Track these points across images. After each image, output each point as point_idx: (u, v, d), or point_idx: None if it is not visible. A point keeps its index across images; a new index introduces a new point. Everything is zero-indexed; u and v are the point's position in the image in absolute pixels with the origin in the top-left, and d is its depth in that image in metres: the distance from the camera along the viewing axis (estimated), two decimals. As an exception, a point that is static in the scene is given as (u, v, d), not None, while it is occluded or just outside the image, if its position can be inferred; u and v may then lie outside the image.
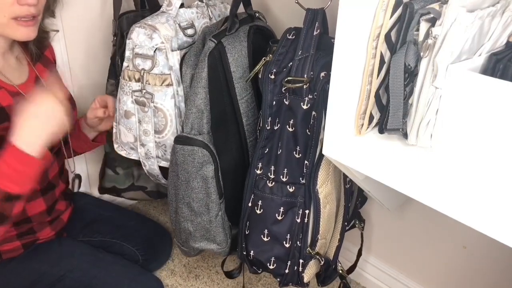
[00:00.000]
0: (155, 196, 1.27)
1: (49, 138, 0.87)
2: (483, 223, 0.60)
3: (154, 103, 0.97)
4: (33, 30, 0.92)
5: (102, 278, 1.11)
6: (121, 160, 1.18)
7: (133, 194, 1.25)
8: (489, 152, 0.65)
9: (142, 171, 1.20)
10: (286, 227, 0.94)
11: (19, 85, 0.98)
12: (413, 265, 1.18)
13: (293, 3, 0.87)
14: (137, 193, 1.25)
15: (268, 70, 0.88)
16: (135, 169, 1.22)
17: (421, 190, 0.66)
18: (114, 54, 1.08)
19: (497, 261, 1.00)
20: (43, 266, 1.09)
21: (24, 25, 0.90)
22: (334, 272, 1.05)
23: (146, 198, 1.27)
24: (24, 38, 0.93)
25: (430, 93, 0.68)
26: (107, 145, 1.21)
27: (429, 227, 1.09)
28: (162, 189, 1.26)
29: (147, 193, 1.25)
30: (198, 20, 1.04)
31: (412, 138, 0.72)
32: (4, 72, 0.96)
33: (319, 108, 0.83)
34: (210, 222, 1.01)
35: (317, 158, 0.87)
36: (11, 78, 0.97)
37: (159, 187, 1.26)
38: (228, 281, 1.30)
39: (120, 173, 1.22)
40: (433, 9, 0.65)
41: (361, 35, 0.68)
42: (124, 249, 1.25)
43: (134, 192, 1.25)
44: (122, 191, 1.25)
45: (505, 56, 0.68)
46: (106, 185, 1.24)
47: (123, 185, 1.23)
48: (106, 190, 1.25)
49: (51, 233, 1.13)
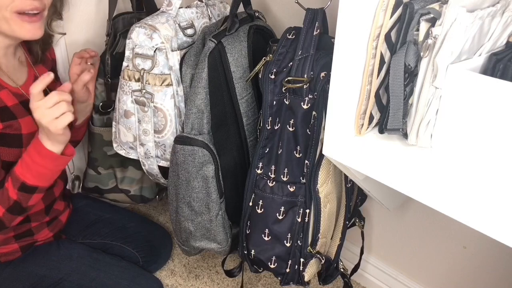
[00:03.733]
0: (138, 200, 1.24)
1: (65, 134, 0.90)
2: (483, 223, 0.60)
3: (154, 103, 0.97)
4: (39, 27, 0.91)
5: (101, 280, 1.10)
6: (102, 160, 1.18)
7: (116, 196, 1.23)
8: (489, 152, 0.65)
9: (125, 174, 1.20)
10: (287, 227, 0.94)
11: (20, 86, 0.98)
12: (413, 265, 1.18)
13: (293, 3, 0.87)
14: (120, 195, 1.23)
15: (268, 70, 0.88)
16: (118, 171, 1.20)
17: (421, 190, 0.66)
18: (104, 53, 1.08)
19: (497, 261, 1.00)
20: (41, 270, 1.08)
21: (29, 21, 0.88)
22: (336, 271, 1.05)
23: (128, 201, 1.25)
24: (30, 36, 0.91)
25: (430, 93, 0.68)
26: (89, 144, 1.19)
27: (429, 227, 1.09)
28: (145, 194, 1.25)
29: (130, 197, 1.23)
30: (198, 20, 1.04)
31: (412, 138, 0.72)
32: (8, 73, 0.96)
33: (319, 108, 0.83)
34: (210, 221, 1.01)
35: (318, 157, 0.87)
36: (13, 79, 0.97)
37: (143, 191, 1.24)
38: (228, 281, 1.30)
39: (102, 173, 1.20)
40: (433, 9, 0.65)
41: (361, 35, 0.68)
42: (124, 251, 1.25)
43: (117, 194, 1.22)
44: (104, 191, 1.22)
45: (505, 56, 0.68)
46: (89, 185, 1.22)
47: (106, 185, 1.21)
48: (89, 190, 1.23)
49: (49, 235, 1.13)
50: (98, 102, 1.12)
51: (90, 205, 1.33)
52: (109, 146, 1.14)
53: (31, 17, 0.89)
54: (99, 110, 1.13)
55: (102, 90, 1.11)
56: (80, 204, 1.29)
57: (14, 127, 0.93)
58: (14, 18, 0.87)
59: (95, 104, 1.13)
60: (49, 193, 1.10)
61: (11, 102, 0.94)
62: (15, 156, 0.94)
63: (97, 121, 1.15)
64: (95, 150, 1.18)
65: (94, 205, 1.33)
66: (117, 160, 1.18)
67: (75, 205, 1.27)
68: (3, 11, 0.86)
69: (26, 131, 0.95)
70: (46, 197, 1.08)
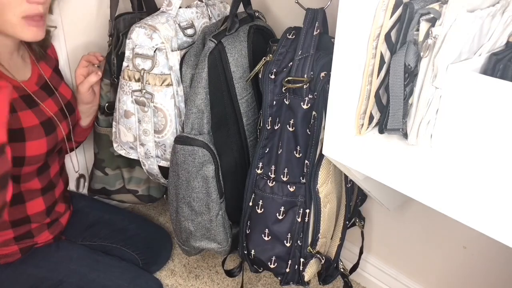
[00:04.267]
0: (146, 200, 1.24)
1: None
2: (483, 223, 0.60)
3: (154, 103, 0.97)
4: (42, 30, 0.93)
5: (100, 282, 1.10)
6: (109, 160, 1.17)
7: (123, 196, 1.22)
8: (489, 152, 0.65)
9: (133, 174, 1.20)
10: (287, 227, 0.94)
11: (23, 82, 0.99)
12: (413, 265, 1.18)
13: (293, 3, 0.87)
14: (127, 196, 1.22)
15: (268, 70, 0.88)
16: (125, 172, 1.20)
17: (421, 190, 0.66)
18: (109, 54, 1.08)
19: (497, 261, 1.00)
20: (41, 271, 1.08)
21: (34, 24, 0.90)
22: (336, 271, 1.06)
23: (136, 201, 1.24)
24: (33, 38, 0.92)
25: (430, 93, 0.68)
26: (95, 145, 1.19)
27: (429, 227, 1.09)
28: (153, 193, 1.24)
29: (138, 197, 1.22)
30: (198, 20, 1.04)
31: (412, 138, 0.72)
32: (11, 70, 0.97)
33: (319, 108, 0.83)
34: (210, 221, 1.01)
35: (318, 157, 0.87)
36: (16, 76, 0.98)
37: (150, 191, 1.24)
38: (228, 281, 1.30)
39: (110, 174, 1.19)
40: (433, 9, 0.65)
41: (361, 35, 0.68)
42: (124, 253, 1.24)
43: (124, 195, 1.22)
44: (112, 192, 1.22)
45: (505, 56, 0.68)
46: (96, 187, 1.22)
47: (113, 186, 1.21)
48: (96, 191, 1.22)
49: (49, 237, 1.13)
50: (104, 103, 1.12)
51: (90, 205, 1.32)
52: (116, 146, 1.14)
53: (37, 21, 0.90)
54: (105, 111, 1.13)
55: (107, 91, 1.11)
56: (80, 205, 1.28)
57: (14, 122, 0.93)
58: (21, 23, 0.89)
59: (100, 104, 1.13)
60: (51, 194, 1.10)
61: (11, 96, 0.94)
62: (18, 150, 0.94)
63: (103, 121, 1.14)
64: (101, 150, 1.17)
65: (94, 206, 1.33)
66: (123, 161, 1.17)
67: (75, 206, 1.26)
68: (10, 16, 0.87)
69: (27, 125, 0.96)
70: (47, 198, 1.08)
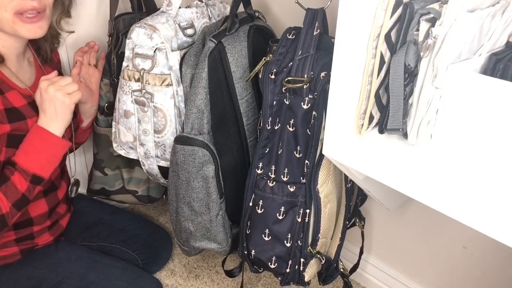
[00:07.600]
0: (146, 201, 1.23)
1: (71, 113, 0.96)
2: (483, 223, 0.60)
3: (153, 103, 0.97)
4: (40, 27, 0.91)
5: (100, 282, 1.10)
6: (109, 160, 1.17)
7: (123, 197, 1.22)
8: (489, 152, 0.65)
9: (132, 174, 1.20)
10: (287, 227, 0.94)
11: (29, 87, 0.99)
12: (413, 265, 1.18)
13: (293, 3, 0.87)
14: (127, 196, 1.21)
15: (268, 70, 0.88)
16: (125, 172, 1.19)
17: (421, 190, 0.66)
18: (109, 53, 1.08)
19: (497, 261, 1.00)
20: (40, 272, 1.08)
21: (29, 21, 0.89)
22: (336, 271, 1.06)
23: (136, 202, 1.23)
24: (32, 35, 0.92)
25: (430, 93, 0.68)
26: (94, 146, 1.19)
27: (429, 227, 1.09)
28: (153, 194, 1.24)
29: (137, 197, 1.22)
30: (198, 20, 1.04)
31: (412, 138, 0.72)
32: (18, 74, 0.97)
33: (319, 108, 0.83)
34: (210, 221, 1.01)
35: (318, 157, 0.87)
36: (23, 80, 0.98)
37: (150, 192, 1.23)
38: (228, 281, 1.30)
39: (109, 174, 1.19)
40: (433, 9, 0.65)
41: (361, 35, 0.68)
42: (124, 253, 1.24)
43: (124, 195, 1.21)
44: (111, 193, 1.21)
45: (505, 56, 0.68)
46: (95, 187, 1.21)
47: (113, 187, 1.20)
48: (95, 192, 1.22)
49: (49, 239, 1.13)
50: (103, 103, 1.12)
51: (90, 206, 1.32)
52: (115, 146, 1.13)
53: (31, 18, 0.89)
54: (105, 111, 1.13)
55: (107, 91, 1.11)
56: (79, 206, 1.28)
57: (22, 128, 0.93)
58: (15, 19, 0.88)
59: (100, 105, 1.13)
60: (53, 195, 1.10)
61: (19, 103, 0.94)
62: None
63: (102, 122, 1.14)
64: (101, 151, 1.17)
65: (94, 206, 1.33)
66: (123, 161, 1.17)
67: (75, 207, 1.26)
68: (2, 11, 0.86)
69: None
70: (50, 199, 1.08)
